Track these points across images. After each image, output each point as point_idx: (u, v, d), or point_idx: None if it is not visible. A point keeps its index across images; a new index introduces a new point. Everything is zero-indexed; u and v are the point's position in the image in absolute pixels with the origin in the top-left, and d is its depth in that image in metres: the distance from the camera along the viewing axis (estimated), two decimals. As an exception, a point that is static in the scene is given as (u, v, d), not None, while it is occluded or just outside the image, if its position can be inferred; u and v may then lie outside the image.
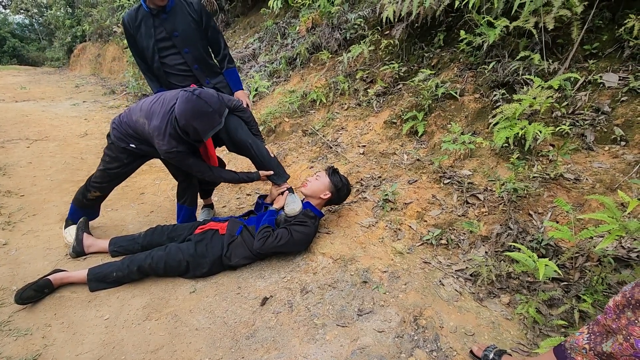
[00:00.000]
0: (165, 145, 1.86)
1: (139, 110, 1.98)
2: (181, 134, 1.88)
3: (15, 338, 1.56)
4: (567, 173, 1.99)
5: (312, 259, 2.03)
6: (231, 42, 6.50)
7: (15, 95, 7.40)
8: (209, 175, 2.12)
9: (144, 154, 2.13)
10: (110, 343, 1.55)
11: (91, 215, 2.37)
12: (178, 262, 1.92)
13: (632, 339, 0.89)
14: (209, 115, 1.79)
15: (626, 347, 0.90)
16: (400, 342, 1.48)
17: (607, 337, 0.96)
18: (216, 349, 1.51)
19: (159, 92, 2.07)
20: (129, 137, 2.03)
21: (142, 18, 2.15)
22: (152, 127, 1.87)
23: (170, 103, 1.88)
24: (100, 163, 2.18)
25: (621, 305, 0.93)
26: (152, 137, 1.89)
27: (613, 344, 0.93)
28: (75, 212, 2.32)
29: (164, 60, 2.23)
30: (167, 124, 1.85)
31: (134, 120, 1.98)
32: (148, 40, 2.17)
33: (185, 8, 2.20)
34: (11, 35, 21.70)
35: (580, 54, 2.43)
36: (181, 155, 1.93)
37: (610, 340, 0.95)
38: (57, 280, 1.85)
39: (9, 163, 3.54)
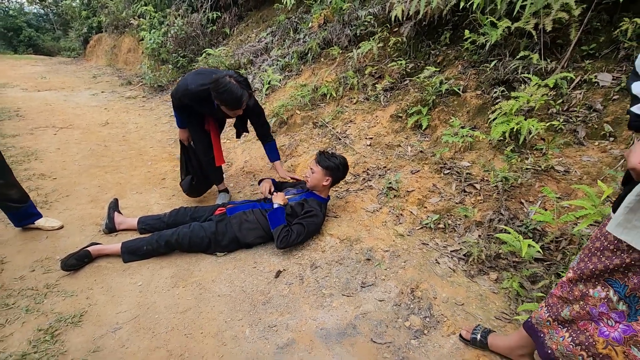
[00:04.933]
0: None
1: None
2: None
3: (63, 298, 1.81)
4: (557, 165, 2.15)
5: (321, 239, 2.24)
6: (244, 36, 6.67)
7: (36, 85, 7.70)
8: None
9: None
10: (145, 305, 1.78)
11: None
12: (201, 238, 2.14)
13: (587, 307, 1.06)
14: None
15: (583, 314, 1.07)
16: (398, 310, 1.69)
17: (563, 306, 1.14)
18: (237, 311, 1.73)
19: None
20: None
21: (207, 104, 2.28)
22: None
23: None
24: None
25: (574, 280, 1.09)
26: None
27: (571, 311, 1.10)
28: None
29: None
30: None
31: None
32: (208, 114, 2.47)
33: (249, 111, 2.43)
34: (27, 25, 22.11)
35: (578, 54, 2.57)
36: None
37: (566, 308, 1.12)
38: (95, 251, 2.09)
39: (40, 149, 3.80)
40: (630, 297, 0.96)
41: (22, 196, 2.25)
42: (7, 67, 10.48)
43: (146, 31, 7.17)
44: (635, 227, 0.92)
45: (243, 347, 1.53)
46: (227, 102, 2.11)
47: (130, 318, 1.69)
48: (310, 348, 1.52)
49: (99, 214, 2.59)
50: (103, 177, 3.24)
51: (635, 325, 0.96)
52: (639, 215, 0.91)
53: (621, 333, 0.99)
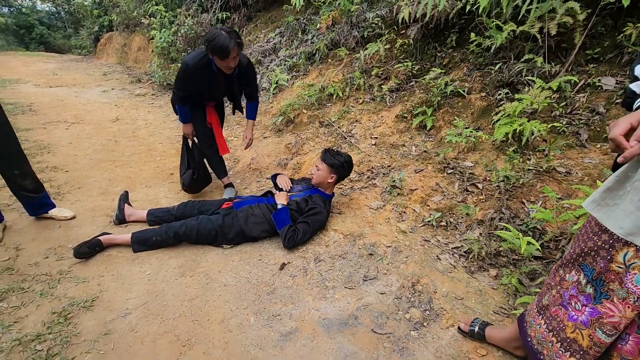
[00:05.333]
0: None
1: None
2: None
3: (75, 284, 1.87)
4: (559, 167, 2.19)
5: (325, 234, 2.29)
6: (252, 36, 6.76)
7: (48, 81, 7.85)
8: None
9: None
10: (154, 292, 1.85)
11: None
12: (208, 230, 2.20)
13: (562, 291, 1.11)
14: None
15: (557, 298, 1.12)
16: (399, 302, 1.73)
17: (546, 293, 1.19)
18: (242, 301, 1.79)
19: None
20: None
21: (208, 73, 2.42)
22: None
23: None
24: None
25: (558, 266, 1.15)
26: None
27: (549, 297, 1.16)
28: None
29: (211, 94, 2.64)
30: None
31: None
32: (210, 87, 2.54)
33: (245, 67, 2.55)
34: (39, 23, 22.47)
35: (582, 58, 2.60)
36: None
37: (547, 294, 1.18)
38: (106, 240, 2.16)
39: (52, 143, 3.90)
40: (596, 281, 1.01)
41: (37, 186, 2.33)
42: (20, 63, 10.68)
43: (156, 30, 7.29)
44: (607, 204, 0.97)
45: (248, 333, 1.59)
46: (217, 50, 2.21)
47: (140, 304, 1.76)
48: (312, 336, 1.57)
49: (109, 205, 2.67)
50: (113, 170, 3.33)
51: (600, 308, 1.01)
52: (613, 195, 0.96)
53: (587, 316, 1.04)
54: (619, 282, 0.97)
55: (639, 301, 0.95)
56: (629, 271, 0.95)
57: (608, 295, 1.00)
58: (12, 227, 2.34)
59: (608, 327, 1.00)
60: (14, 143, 2.18)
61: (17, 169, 2.20)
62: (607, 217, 0.98)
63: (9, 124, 2.13)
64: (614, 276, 0.98)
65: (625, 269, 0.96)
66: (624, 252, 0.95)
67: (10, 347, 1.48)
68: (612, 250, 0.97)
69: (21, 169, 2.22)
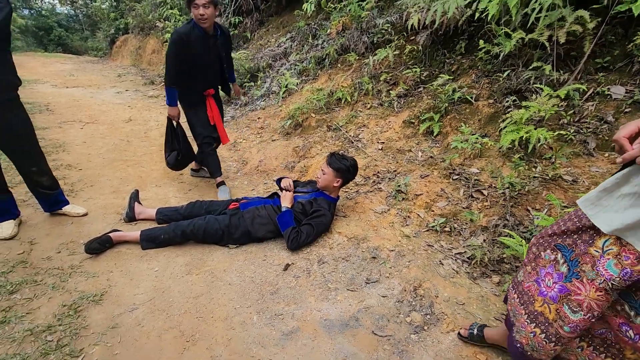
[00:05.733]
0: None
1: None
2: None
3: (86, 278, 1.93)
4: (566, 175, 2.18)
5: (329, 237, 2.32)
6: (264, 40, 6.85)
7: (65, 82, 8.07)
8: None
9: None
10: (160, 288, 1.89)
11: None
12: (215, 230, 2.25)
13: (538, 268, 1.15)
14: None
15: (532, 274, 1.17)
16: (400, 306, 1.74)
17: (520, 269, 1.24)
18: (246, 299, 1.82)
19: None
20: None
21: (195, 37, 2.60)
22: None
23: None
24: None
25: (532, 244, 1.20)
26: None
27: (523, 273, 1.21)
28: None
29: (205, 70, 2.74)
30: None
31: None
32: (201, 54, 2.66)
33: (226, 35, 2.83)
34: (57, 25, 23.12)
35: (592, 66, 2.59)
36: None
37: (521, 271, 1.22)
38: (115, 237, 2.22)
39: (67, 141, 4.02)
40: (573, 261, 1.05)
41: (53, 184, 2.41)
42: (39, 64, 11.00)
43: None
44: (601, 204, 0.99)
45: (250, 331, 1.62)
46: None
47: (147, 300, 1.80)
48: (313, 336, 1.59)
49: (120, 203, 2.74)
50: (125, 170, 3.41)
51: (569, 286, 1.05)
52: (608, 196, 0.98)
53: (557, 292, 1.08)
54: (592, 264, 1.01)
55: (604, 283, 0.98)
56: (603, 255, 0.99)
57: (579, 276, 1.04)
58: (27, 222, 2.42)
59: (574, 304, 1.04)
60: (33, 141, 2.26)
61: (34, 166, 2.28)
62: (598, 217, 1.01)
63: (30, 123, 2.22)
64: (589, 259, 1.02)
65: (601, 253, 0.99)
66: (606, 238, 0.99)
67: (23, 337, 1.54)
68: (595, 235, 1.01)
69: (38, 166, 2.30)
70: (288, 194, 2.40)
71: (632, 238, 0.93)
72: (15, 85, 2.09)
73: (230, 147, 4.12)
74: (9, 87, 2.04)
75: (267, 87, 5.30)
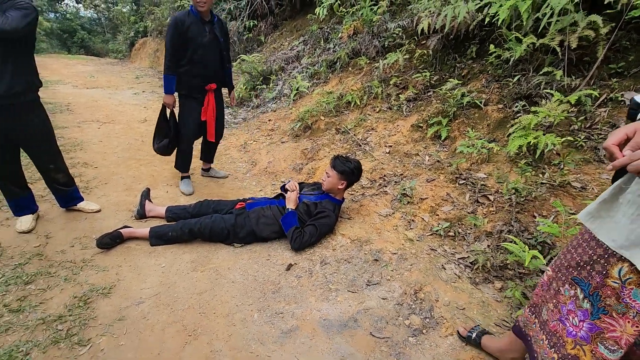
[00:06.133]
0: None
1: None
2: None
3: (96, 272, 2.01)
4: (575, 182, 2.15)
5: (332, 238, 2.34)
6: (277, 44, 6.95)
7: (85, 83, 8.34)
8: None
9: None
10: (166, 284, 1.95)
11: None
12: (221, 229, 2.30)
13: (559, 305, 1.10)
14: None
15: (555, 312, 1.11)
16: (400, 309, 1.75)
17: (542, 306, 1.18)
18: (248, 297, 1.86)
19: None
20: None
21: (192, 22, 2.69)
22: None
23: None
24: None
25: (551, 279, 1.14)
26: None
27: (547, 311, 1.15)
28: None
29: (204, 56, 2.78)
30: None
31: None
32: (197, 38, 2.71)
33: (221, 24, 2.90)
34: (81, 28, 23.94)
35: (605, 72, 2.55)
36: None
37: (544, 308, 1.16)
38: (126, 233, 2.30)
39: (84, 140, 4.16)
40: (593, 296, 1.01)
41: (69, 181, 2.51)
42: (62, 65, 11.40)
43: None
44: (601, 216, 0.97)
45: (250, 328, 1.65)
46: None
47: (153, 294, 1.86)
48: (312, 335, 1.61)
49: (132, 201, 2.83)
50: (138, 169, 3.51)
51: (599, 323, 1.00)
52: (607, 207, 0.96)
53: (587, 331, 1.02)
54: (616, 297, 0.96)
55: (638, 316, 0.94)
56: (624, 286, 0.95)
57: (606, 311, 0.99)
58: (44, 216, 2.53)
59: (610, 342, 0.99)
60: (52, 140, 2.36)
61: (52, 163, 2.38)
62: (600, 229, 0.99)
63: (49, 123, 2.32)
64: (610, 291, 0.97)
65: (621, 284, 0.95)
66: (618, 268, 0.95)
67: (35, 325, 1.62)
68: (607, 265, 0.97)
69: (56, 163, 2.41)
70: (293, 195, 2.43)
71: (638, 260, 0.90)
72: (37, 87, 2.19)
73: (240, 148, 4.19)
74: (30, 89, 2.14)
75: (279, 90, 5.37)
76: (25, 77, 2.08)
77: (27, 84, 2.10)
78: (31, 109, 2.18)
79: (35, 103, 2.21)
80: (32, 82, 2.15)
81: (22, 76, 2.06)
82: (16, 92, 2.04)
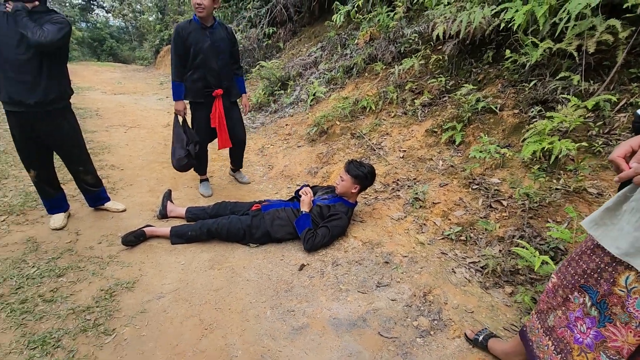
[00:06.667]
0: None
1: None
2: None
3: (121, 267, 2.14)
4: (591, 188, 2.12)
5: (345, 241, 2.39)
6: (296, 50, 7.09)
7: (113, 89, 8.75)
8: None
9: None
10: (185, 280, 2.05)
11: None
12: (237, 229, 2.40)
13: (567, 312, 1.10)
14: None
15: (563, 319, 1.12)
16: (408, 310, 1.78)
17: (549, 313, 1.18)
18: (261, 295, 1.94)
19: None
20: None
21: (193, 29, 2.79)
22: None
23: None
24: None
25: (556, 286, 1.14)
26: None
27: (554, 318, 1.15)
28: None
29: (204, 61, 2.84)
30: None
31: None
32: (198, 43, 2.81)
33: (224, 29, 2.94)
34: (110, 37, 25.08)
35: (626, 76, 2.50)
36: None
37: (551, 315, 1.17)
38: (149, 232, 2.43)
39: (112, 144, 4.39)
40: (600, 304, 1.01)
41: (97, 182, 2.68)
42: (92, 73, 11.99)
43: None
44: (605, 224, 0.98)
45: (263, 324, 1.73)
46: None
47: (172, 290, 1.97)
48: (321, 333, 1.67)
49: (155, 202, 2.97)
50: (161, 171, 3.68)
51: (604, 331, 1.00)
52: (611, 214, 0.97)
53: (592, 339, 1.03)
54: (621, 306, 0.97)
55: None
56: (630, 295, 0.95)
57: (611, 319, 1.00)
58: (74, 215, 2.70)
59: (612, 352, 1.00)
60: (81, 144, 2.53)
61: (82, 166, 2.55)
62: (604, 237, 0.99)
63: (79, 128, 2.49)
64: (617, 300, 0.98)
65: (627, 292, 0.96)
66: (625, 276, 0.96)
67: (66, 315, 1.75)
68: (614, 273, 0.98)
69: (85, 166, 2.57)
70: (307, 199, 2.50)
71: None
72: (69, 95, 2.37)
73: (257, 152, 4.31)
74: (63, 97, 2.32)
75: (297, 95, 5.48)
76: (59, 86, 2.26)
77: (60, 92, 2.27)
78: (63, 116, 2.35)
79: (67, 110, 2.38)
80: (65, 91, 2.33)
81: (56, 85, 2.24)
82: (51, 100, 2.22)
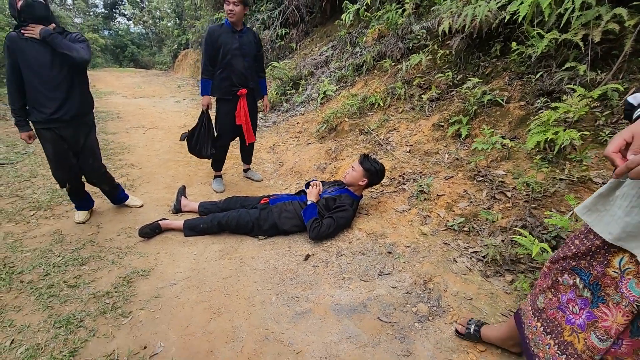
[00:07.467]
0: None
1: None
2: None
3: (138, 257, 2.28)
4: (596, 177, 2.11)
5: (349, 232, 2.46)
6: (308, 50, 7.18)
7: (133, 93, 9.10)
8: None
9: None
10: (196, 269, 2.17)
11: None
12: (246, 222, 2.50)
13: (559, 294, 1.13)
14: None
15: (554, 301, 1.14)
16: (408, 297, 1.83)
17: (539, 295, 1.20)
18: (267, 283, 2.03)
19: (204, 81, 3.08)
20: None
21: (224, 31, 3.00)
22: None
23: None
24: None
25: (548, 268, 1.17)
26: None
27: (544, 299, 1.17)
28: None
29: (231, 61, 3.02)
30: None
31: None
32: (227, 45, 2.99)
33: (251, 34, 3.14)
34: (131, 43, 25.92)
35: (635, 65, 2.46)
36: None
37: (541, 296, 1.19)
38: (163, 225, 2.57)
39: (131, 144, 4.60)
40: (593, 285, 1.03)
41: (112, 189, 2.79)
42: (114, 78, 12.48)
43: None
44: (597, 210, 1.00)
45: (268, 309, 1.82)
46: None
47: (184, 277, 2.09)
48: (323, 317, 1.74)
49: (170, 197, 3.12)
50: (177, 169, 3.84)
51: (596, 312, 1.02)
52: (604, 201, 0.99)
53: (585, 320, 1.05)
54: (615, 286, 0.99)
55: (629, 306, 0.96)
56: (623, 276, 0.97)
57: (604, 300, 1.02)
58: (96, 210, 2.88)
59: (601, 332, 1.02)
60: (98, 156, 2.62)
61: (95, 179, 2.67)
62: (597, 223, 1.01)
63: (97, 141, 2.61)
64: (610, 281, 1.00)
65: (620, 274, 0.97)
66: (619, 257, 0.97)
67: (88, 299, 1.89)
68: (608, 255, 1.00)
69: (99, 179, 2.68)
70: (314, 190, 2.58)
71: (638, 250, 0.91)
72: (93, 106, 2.55)
73: (269, 150, 4.42)
74: (91, 109, 2.52)
75: (308, 94, 5.58)
76: (87, 98, 2.45)
77: (89, 104, 2.48)
78: (88, 126, 2.51)
79: (92, 121, 2.54)
80: (91, 103, 2.51)
81: (87, 98, 2.44)
82: (84, 112, 2.42)
